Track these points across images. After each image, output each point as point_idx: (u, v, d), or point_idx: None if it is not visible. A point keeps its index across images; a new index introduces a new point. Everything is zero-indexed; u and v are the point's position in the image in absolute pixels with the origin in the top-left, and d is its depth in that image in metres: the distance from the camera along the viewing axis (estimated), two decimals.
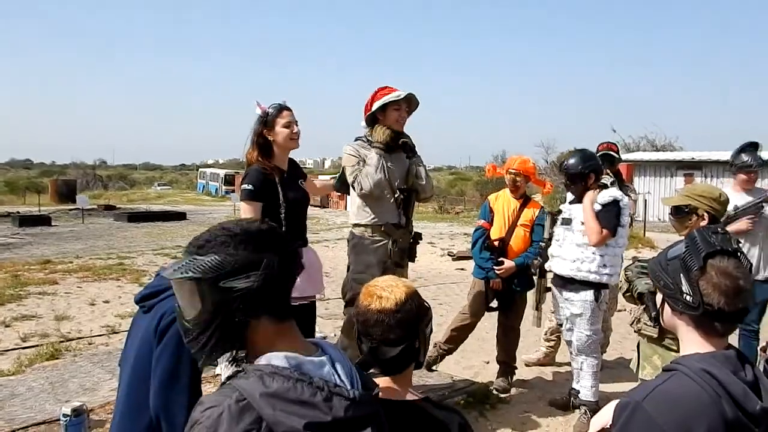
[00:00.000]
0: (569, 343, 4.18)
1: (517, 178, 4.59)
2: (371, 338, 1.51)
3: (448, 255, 12.51)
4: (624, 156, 24.33)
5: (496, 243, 4.56)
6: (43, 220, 20.16)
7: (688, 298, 1.42)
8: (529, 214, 4.59)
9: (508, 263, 4.49)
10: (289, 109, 3.34)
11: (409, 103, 3.78)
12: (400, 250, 3.83)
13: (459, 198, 32.39)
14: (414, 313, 1.51)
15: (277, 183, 3.26)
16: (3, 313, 7.03)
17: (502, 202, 4.68)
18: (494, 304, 4.71)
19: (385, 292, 1.51)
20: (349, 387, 1.20)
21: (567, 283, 4.05)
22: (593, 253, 3.92)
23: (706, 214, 2.88)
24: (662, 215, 18.55)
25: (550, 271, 4.29)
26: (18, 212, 23.04)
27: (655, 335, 2.84)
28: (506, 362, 4.72)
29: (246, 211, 3.20)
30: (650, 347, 2.92)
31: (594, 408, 3.99)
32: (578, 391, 4.14)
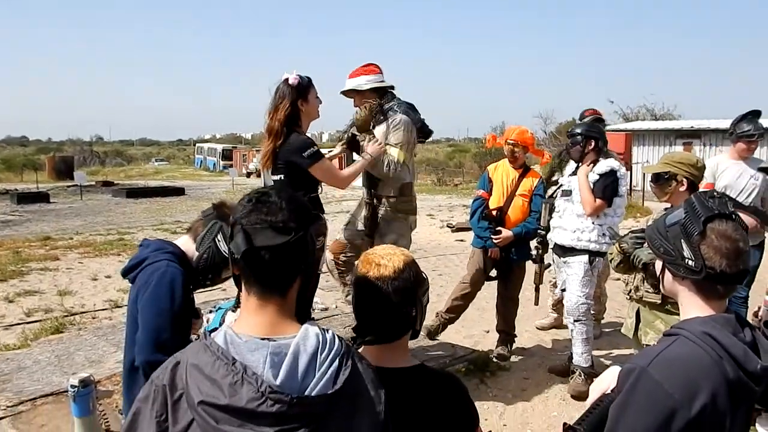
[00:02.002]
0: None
1: (515, 149, 4.61)
2: (368, 305, 1.52)
3: (447, 227, 12.55)
4: (623, 125, 24.21)
5: (494, 212, 4.58)
6: (42, 197, 20.12)
7: (690, 263, 1.44)
8: (527, 183, 4.61)
9: (506, 232, 4.53)
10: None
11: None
12: (365, 219, 3.96)
13: (457, 170, 32.32)
14: (411, 281, 1.53)
15: None
16: (6, 288, 7.07)
17: (501, 172, 4.71)
18: (493, 273, 4.76)
19: (383, 260, 1.53)
20: (276, 380, 1.12)
21: (567, 251, 4.16)
22: (592, 223, 4.04)
23: (685, 180, 2.96)
24: None
25: (551, 240, 4.36)
26: (16, 189, 23.02)
27: (658, 301, 2.93)
28: (505, 331, 4.78)
29: (326, 168, 3.31)
30: (652, 313, 3.00)
31: (588, 371, 4.11)
32: (585, 367, 4.21)
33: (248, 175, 32.45)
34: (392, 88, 3.92)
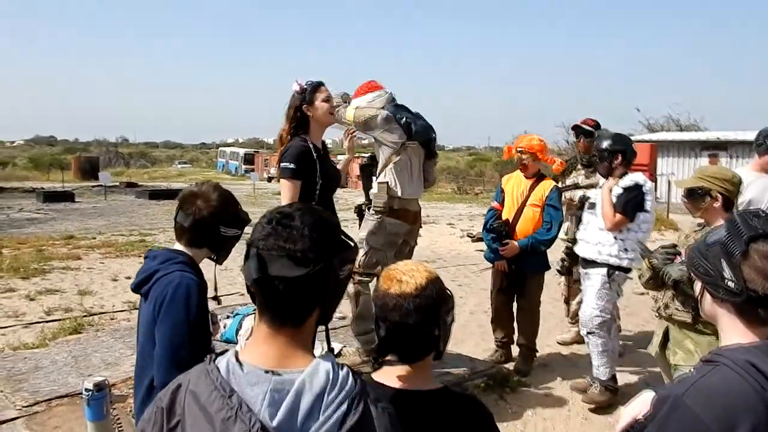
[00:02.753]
0: None
1: (523, 156, 4.55)
2: (389, 323, 1.45)
3: (468, 236, 12.43)
4: (647, 136, 23.85)
5: (500, 223, 4.54)
6: (67, 197, 20.49)
7: (730, 284, 1.36)
8: (539, 193, 4.52)
9: (512, 244, 4.45)
10: (324, 85, 3.35)
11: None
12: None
13: (478, 179, 32.16)
14: (434, 298, 1.46)
15: (315, 159, 3.23)
16: (28, 286, 7.14)
17: (513, 182, 4.68)
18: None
19: (405, 276, 1.47)
20: (273, 421, 1.03)
21: (588, 263, 4.13)
22: (614, 238, 3.97)
23: (719, 196, 2.85)
24: None
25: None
26: (42, 188, 23.46)
27: (689, 320, 2.83)
28: (525, 345, 4.68)
29: (287, 189, 3.14)
30: (681, 332, 2.90)
31: (606, 384, 4.06)
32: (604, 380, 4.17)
33: (269, 179, 32.62)
34: (393, 100, 3.98)
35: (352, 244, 1.23)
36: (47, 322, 5.68)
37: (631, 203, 3.92)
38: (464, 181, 31.25)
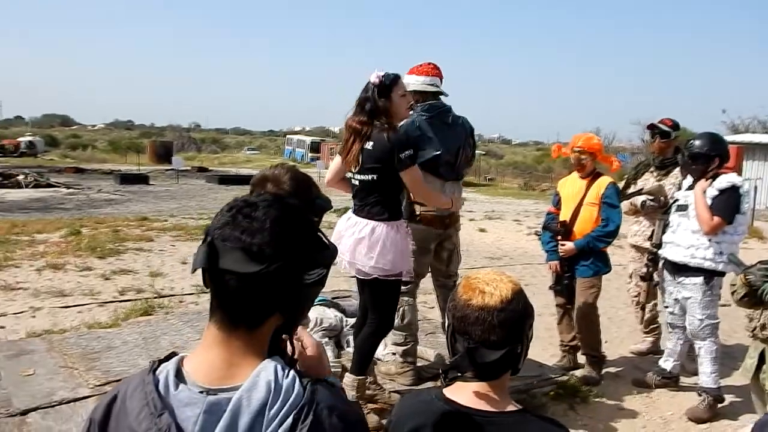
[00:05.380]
0: (671, 325, 4.19)
1: (582, 156, 4.38)
2: (469, 338, 1.35)
3: (535, 234, 12.05)
4: (732, 138, 22.53)
5: (558, 225, 4.42)
6: (142, 179, 21.41)
7: None
8: (595, 191, 4.32)
9: (568, 245, 4.33)
10: (401, 79, 3.19)
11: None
12: None
13: (546, 175, 31.37)
14: (520, 313, 1.35)
15: None
16: (103, 266, 7.42)
17: (569, 184, 4.55)
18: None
19: (488, 286, 1.36)
20: None
21: (680, 269, 3.95)
22: (709, 240, 3.80)
23: None
24: None
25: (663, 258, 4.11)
26: (120, 170, 24.59)
27: None
28: (589, 354, 4.46)
29: (416, 176, 3.11)
30: None
31: (716, 394, 3.91)
32: (664, 369, 4.24)
33: None
34: (441, 94, 3.72)
35: (329, 246, 1.08)
36: (120, 302, 5.87)
37: (729, 205, 3.76)
38: (531, 176, 30.56)
